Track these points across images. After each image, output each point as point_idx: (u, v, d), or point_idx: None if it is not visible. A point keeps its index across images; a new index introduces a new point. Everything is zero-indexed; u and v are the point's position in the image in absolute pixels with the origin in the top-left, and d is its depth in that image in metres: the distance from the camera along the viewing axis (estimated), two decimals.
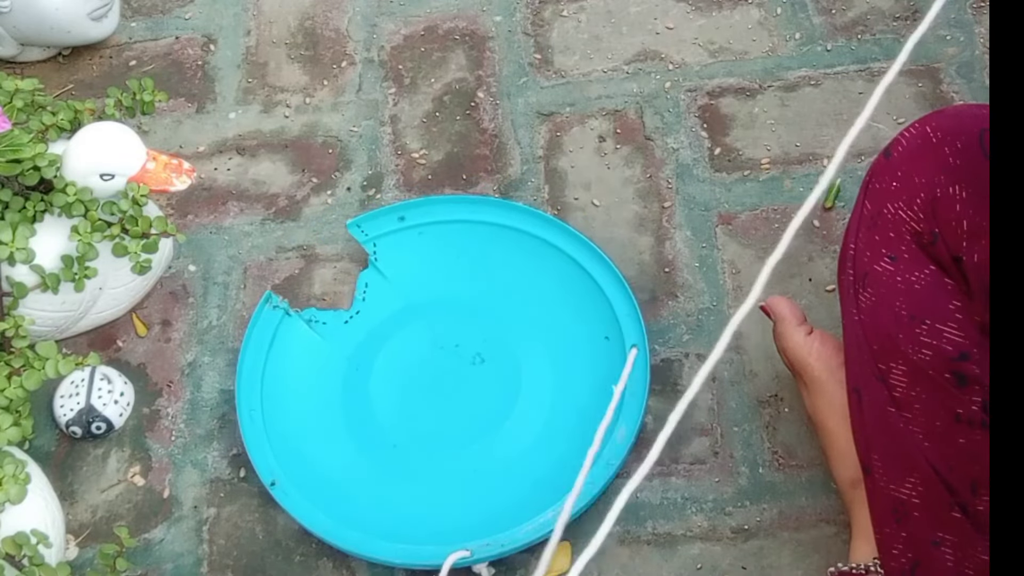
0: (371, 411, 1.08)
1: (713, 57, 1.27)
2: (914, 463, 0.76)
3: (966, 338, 0.73)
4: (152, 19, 1.34)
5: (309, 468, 1.04)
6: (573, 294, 1.10)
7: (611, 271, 1.09)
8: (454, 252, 1.14)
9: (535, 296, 1.11)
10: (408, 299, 1.13)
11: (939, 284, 0.74)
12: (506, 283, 1.12)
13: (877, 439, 0.79)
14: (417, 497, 1.03)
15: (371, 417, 1.07)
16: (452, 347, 1.10)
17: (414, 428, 1.07)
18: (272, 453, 1.03)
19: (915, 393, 0.76)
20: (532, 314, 1.10)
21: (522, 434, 1.05)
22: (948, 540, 0.74)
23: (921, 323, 0.74)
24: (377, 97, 1.27)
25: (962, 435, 0.73)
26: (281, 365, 1.08)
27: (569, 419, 1.04)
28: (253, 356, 1.08)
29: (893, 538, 0.78)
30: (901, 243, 0.76)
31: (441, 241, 1.14)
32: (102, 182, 0.98)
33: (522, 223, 1.13)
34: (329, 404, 1.08)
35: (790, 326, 0.99)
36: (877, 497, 0.80)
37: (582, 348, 1.08)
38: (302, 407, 1.08)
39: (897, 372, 0.76)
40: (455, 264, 1.14)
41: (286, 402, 1.07)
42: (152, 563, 1.02)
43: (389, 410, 1.08)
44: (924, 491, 0.76)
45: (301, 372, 1.09)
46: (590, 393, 1.05)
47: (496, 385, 1.07)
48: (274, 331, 1.09)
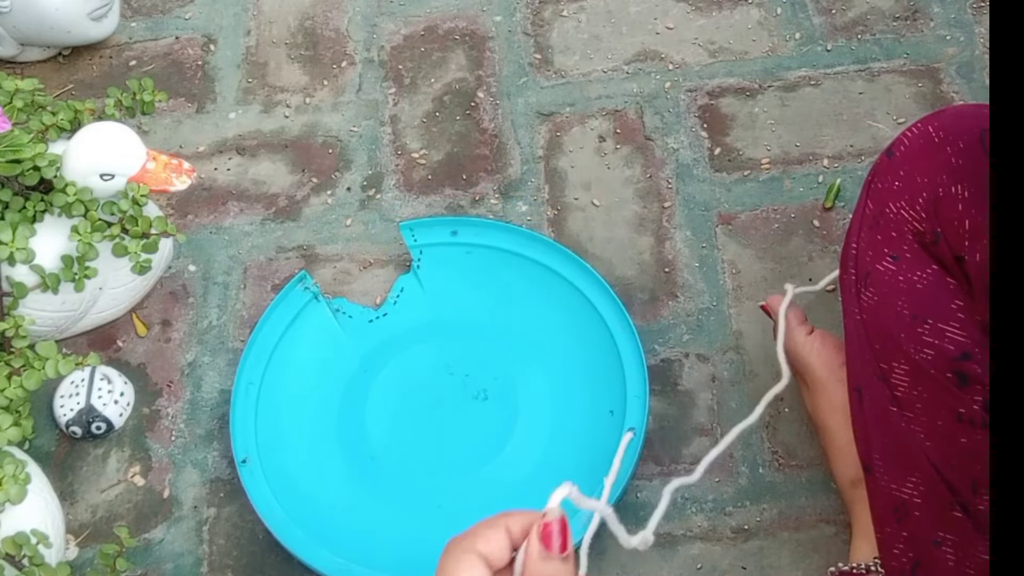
0: (362, 416, 1.07)
1: (713, 57, 1.28)
2: (915, 462, 0.76)
3: (968, 338, 0.73)
4: (152, 19, 1.34)
5: (285, 457, 1.03)
6: (594, 364, 1.06)
7: (634, 343, 1.04)
8: (497, 282, 1.12)
9: (559, 350, 1.08)
10: (437, 315, 1.12)
11: (941, 284, 0.74)
12: (537, 329, 1.09)
13: (878, 438, 0.79)
14: (381, 512, 1.02)
15: (360, 421, 1.06)
16: (462, 375, 1.08)
17: (396, 445, 1.05)
18: (254, 431, 1.02)
19: (917, 392, 0.76)
20: (549, 367, 1.08)
21: (502, 480, 1.03)
22: (949, 540, 0.74)
23: (923, 323, 0.74)
24: (377, 97, 1.27)
25: (963, 435, 0.73)
26: (294, 346, 1.08)
27: (561, 471, 1.01)
28: (269, 331, 1.07)
29: (894, 538, 0.78)
30: (903, 243, 0.76)
31: (487, 266, 1.12)
32: (102, 182, 0.98)
33: (569, 273, 1.09)
34: (327, 399, 1.07)
35: (791, 326, 0.99)
36: (878, 496, 0.80)
37: (588, 420, 1.04)
38: (301, 395, 1.07)
39: (899, 371, 0.76)
40: (494, 293, 1.11)
41: (286, 385, 1.07)
42: (152, 563, 1.02)
43: (380, 420, 1.07)
44: (925, 490, 0.76)
45: (310, 359, 1.08)
46: (585, 460, 1.01)
47: (491, 426, 1.05)
48: (297, 312, 1.08)
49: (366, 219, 1.19)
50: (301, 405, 1.07)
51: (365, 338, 1.10)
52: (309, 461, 1.04)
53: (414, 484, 1.04)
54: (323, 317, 1.10)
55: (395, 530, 1.01)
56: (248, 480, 0.99)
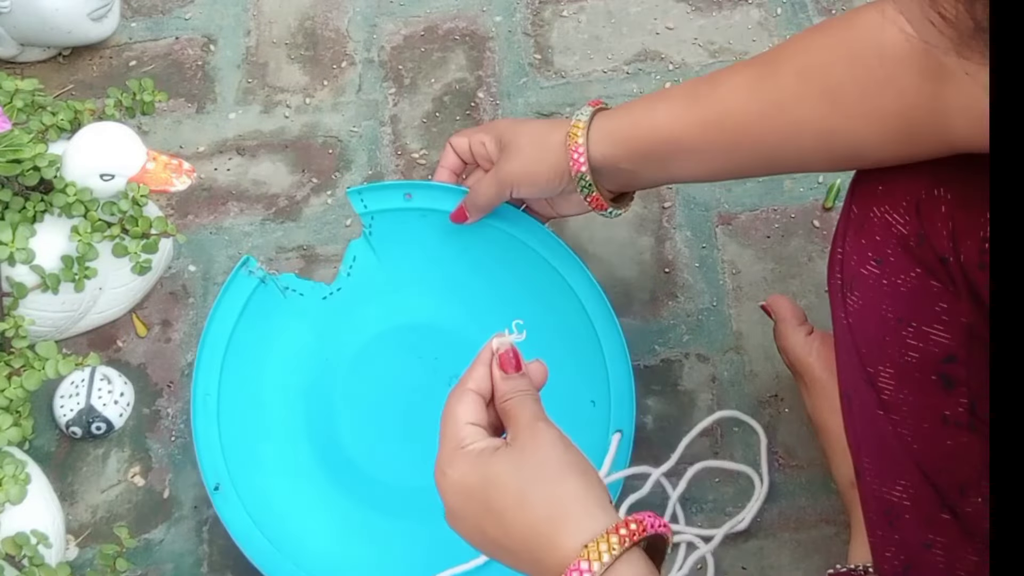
0: (334, 420, 1.01)
1: (713, 57, 1.28)
2: (903, 466, 0.76)
3: (952, 340, 0.73)
4: (152, 19, 1.34)
5: (259, 478, 0.97)
6: (568, 330, 1.00)
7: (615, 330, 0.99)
8: (456, 248, 1.04)
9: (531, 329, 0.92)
10: (395, 288, 1.05)
11: (925, 286, 0.74)
12: (505, 304, 1.01)
13: (867, 442, 0.79)
14: (369, 523, 0.98)
15: (333, 426, 1.01)
16: (431, 359, 1.03)
17: (374, 445, 1.01)
18: (221, 450, 0.96)
19: (903, 396, 0.76)
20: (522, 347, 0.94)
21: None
22: (939, 542, 0.74)
23: (907, 325, 0.74)
24: (377, 97, 1.27)
25: (949, 437, 0.73)
26: (247, 341, 1.00)
27: None
28: (218, 329, 0.98)
29: (886, 541, 0.78)
30: (887, 246, 0.76)
31: (445, 233, 1.03)
32: (102, 182, 0.98)
33: (534, 241, 1.01)
34: (292, 401, 1.01)
35: (791, 326, 0.99)
36: (869, 500, 0.80)
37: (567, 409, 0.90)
38: (263, 398, 1.01)
39: (885, 375, 0.76)
40: (454, 262, 1.04)
41: (247, 388, 1.00)
42: (152, 563, 1.02)
43: (353, 421, 1.01)
44: (914, 493, 0.76)
45: (267, 354, 1.02)
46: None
47: None
48: (245, 302, 1.00)
49: None
50: (266, 412, 1.01)
51: (322, 321, 1.02)
52: (285, 481, 0.99)
53: (398, 486, 1.00)
54: (274, 303, 1.01)
55: (385, 540, 0.98)
56: (224, 511, 0.94)
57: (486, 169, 0.98)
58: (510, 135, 0.94)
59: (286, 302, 1.02)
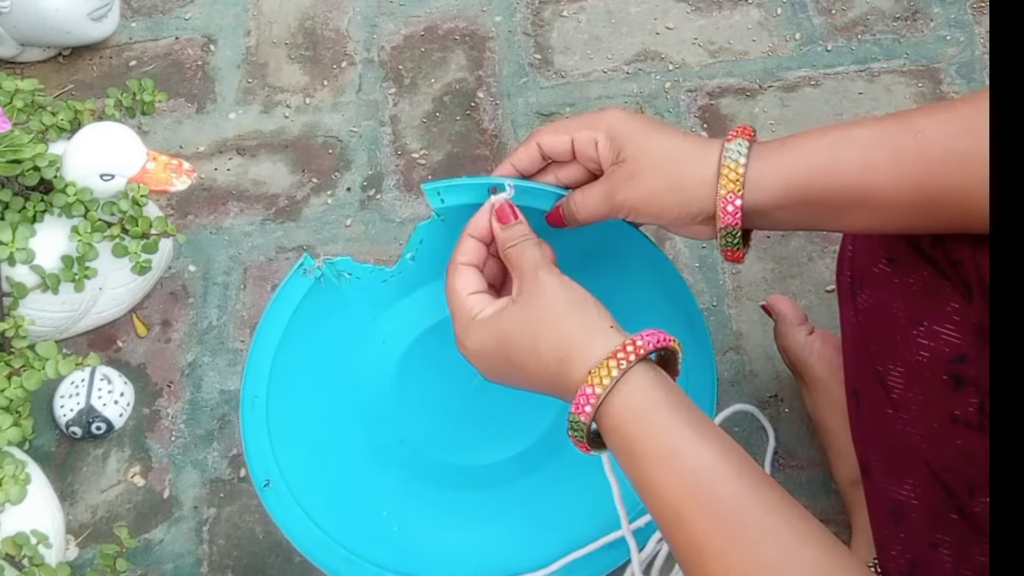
0: (387, 402, 0.96)
1: (713, 57, 1.28)
2: (912, 464, 0.76)
3: (963, 340, 0.73)
4: (152, 19, 1.34)
5: (311, 472, 0.92)
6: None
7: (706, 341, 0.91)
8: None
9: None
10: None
11: (936, 286, 0.74)
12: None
13: (875, 440, 0.79)
14: (430, 513, 0.96)
15: (391, 417, 0.96)
16: None
17: (434, 430, 0.96)
18: (271, 447, 0.90)
19: (912, 394, 0.76)
20: None
21: (551, 460, 0.96)
22: (946, 541, 0.74)
23: (918, 324, 0.74)
24: (377, 97, 1.27)
25: (959, 436, 0.73)
26: (300, 339, 0.92)
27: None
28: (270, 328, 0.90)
29: (892, 539, 0.78)
30: (898, 245, 0.76)
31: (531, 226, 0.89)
32: (102, 182, 0.98)
33: (617, 245, 0.89)
34: (350, 393, 0.95)
35: (791, 326, 0.99)
36: (876, 498, 0.80)
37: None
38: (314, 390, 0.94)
39: (895, 374, 0.76)
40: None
41: (298, 384, 0.93)
42: (152, 563, 1.02)
43: (408, 405, 0.96)
44: (922, 492, 0.76)
45: (320, 344, 0.94)
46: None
47: (533, 401, 0.82)
48: (298, 303, 0.90)
49: (366, 219, 1.19)
50: (321, 407, 0.95)
51: (379, 305, 0.94)
52: (337, 472, 0.95)
53: (459, 474, 0.97)
54: (328, 298, 0.91)
55: (446, 530, 0.96)
56: (275, 508, 0.89)
57: (590, 169, 0.79)
58: (633, 149, 0.75)
59: (341, 293, 0.93)
